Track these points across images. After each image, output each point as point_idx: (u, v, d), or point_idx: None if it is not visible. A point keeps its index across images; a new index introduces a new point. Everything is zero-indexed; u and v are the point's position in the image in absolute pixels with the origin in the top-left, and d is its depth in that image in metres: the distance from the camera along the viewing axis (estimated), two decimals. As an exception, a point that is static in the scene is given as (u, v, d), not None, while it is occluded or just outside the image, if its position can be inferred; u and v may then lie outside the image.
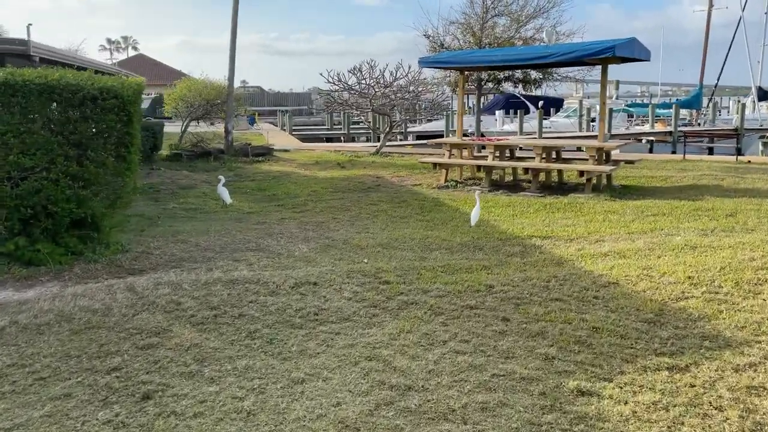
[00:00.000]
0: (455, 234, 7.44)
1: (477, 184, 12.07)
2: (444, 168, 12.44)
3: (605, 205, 9.50)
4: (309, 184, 12.45)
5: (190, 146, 17.44)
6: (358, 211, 9.18)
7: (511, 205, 9.62)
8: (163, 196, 10.85)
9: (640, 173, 13.38)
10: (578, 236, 7.25)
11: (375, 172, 14.33)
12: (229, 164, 15.95)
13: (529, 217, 8.68)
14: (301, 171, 14.82)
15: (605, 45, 10.00)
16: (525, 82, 15.41)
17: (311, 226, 7.85)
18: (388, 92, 18.35)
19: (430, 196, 10.59)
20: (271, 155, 18.04)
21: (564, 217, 8.60)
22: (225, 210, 9.36)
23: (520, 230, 7.64)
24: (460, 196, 10.69)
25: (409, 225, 8.09)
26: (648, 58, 11.13)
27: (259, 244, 6.71)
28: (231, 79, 17.26)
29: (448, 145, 12.61)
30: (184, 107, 17.34)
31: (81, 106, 5.64)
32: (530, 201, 10.01)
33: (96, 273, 5.58)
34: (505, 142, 11.99)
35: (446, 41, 15.06)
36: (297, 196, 10.80)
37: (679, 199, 9.88)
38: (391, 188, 11.78)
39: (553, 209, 9.22)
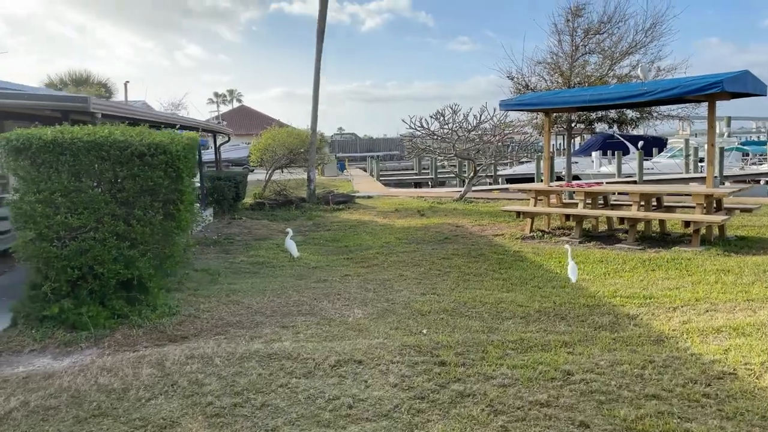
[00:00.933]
0: (534, 297, 6.53)
1: (566, 234, 11.02)
2: (529, 217, 11.50)
3: (717, 261, 8.19)
4: (384, 234, 11.92)
5: (273, 195, 17.58)
6: (428, 266, 8.47)
7: (603, 261, 8.54)
8: (235, 247, 10.69)
9: (760, 221, 11.73)
10: (683, 303, 6.12)
11: (455, 220, 13.61)
12: (309, 213, 15.82)
13: (624, 276, 7.58)
14: (379, 219, 14.36)
15: (711, 80, 8.83)
16: (620, 122, 14.21)
17: (374, 285, 7.23)
18: (472, 136, 17.70)
19: (512, 249, 9.68)
20: (352, 203, 17.80)
21: (666, 276, 7.43)
22: (292, 264, 8.97)
23: (612, 293, 6.61)
24: (545, 248, 9.71)
25: (482, 284, 7.27)
26: (764, 92, 9.77)
27: (312, 308, 6.16)
28: (314, 129, 17.33)
29: (533, 191, 11.67)
30: (268, 157, 17.56)
31: (128, 163, 5.43)
32: (626, 256, 8.87)
33: (136, 340, 5.24)
34: (597, 188, 10.90)
35: (531, 82, 14.27)
36: (368, 248, 10.26)
37: (811, 254, 8.37)
38: (469, 239, 10.99)
39: (653, 266, 8.05)
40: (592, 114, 14.37)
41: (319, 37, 16.79)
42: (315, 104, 17.13)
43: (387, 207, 17.04)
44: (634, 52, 14.75)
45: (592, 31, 13.98)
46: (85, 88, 28.01)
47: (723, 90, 8.64)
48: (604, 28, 14.00)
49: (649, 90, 9.36)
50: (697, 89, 8.89)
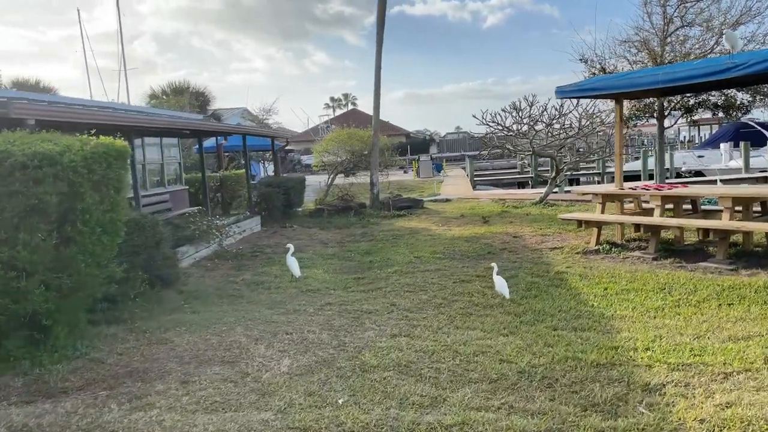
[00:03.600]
0: (535, 345, 4.87)
1: (642, 248, 8.94)
2: (594, 226, 9.50)
3: (831, 293, 5.93)
4: (425, 246, 10.48)
5: (336, 200, 16.68)
6: (435, 292, 6.97)
7: (667, 287, 6.55)
8: (252, 263, 9.81)
9: None
10: (743, 366, 4.18)
11: (518, 228, 11.81)
12: (367, 220, 14.71)
13: (682, 312, 5.62)
14: (435, 228, 12.90)
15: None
16: (726, 107, 11.58)
17: (345, 320, 5.90)
18: (554, 131, 15.63)
19: (558, 269, 7.88)
20: (417, 207, 16.43)
21: (742, 317, 5.38)
22: (288, 285, 7.87)
23: (647, 343, 4.78)
24: (602, 267, 7.79)
25: (484, 321, 5.68)
26: None
27: (241, 353, 4.98)
28: (376, 129, 16.18)
29: (599, 195, 9.64)
30: (330, 160, 16.67)
31: (8, 177, 4.58)
32: (704, 280, 6.78)
33: (9, 392, 4.37)
34: (676, 191, 8.69)
35: (610, 64, 12.03)
36: (392, 265, 8.91)
37: None
38: (517, 254, 9.25)
39: (732, 299, 5.97)
40: (691, 99, 11.86)
41: (379, 27, 15.62)
42: (376, 102, 15.98)
43: (455, 212, 15.49)
44: (747, 22, 12.02)
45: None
46: (184, 97, 29.07)
47: None
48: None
49: (740, 63, 7.15)
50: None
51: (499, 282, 6.54)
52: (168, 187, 15.00)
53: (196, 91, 30.02)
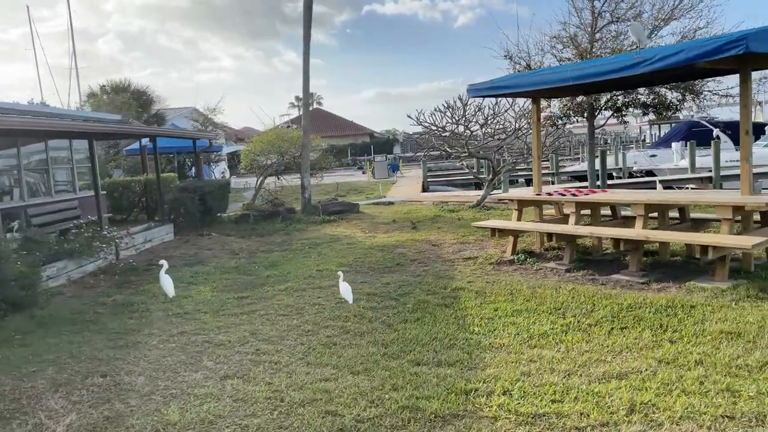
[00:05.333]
0: (387, 382, 4.15)
1: (559, 257, 8.32)
2: (511, 235, 8.86)
3: (734, 314, 5.33)
4: (338, 256, 9.73)
5: (267, 205, 15.80)
6: (315, 313, 6.22)
7: (564, 307, 5.90)
8: (144, 277, 8.93)
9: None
10: (610, 423, 3.50)
11: (442, 235, 11.13)
12: (293, 226, 13.88)
13: (567, 340, 4.95)
14: (360, 235, 12.15)
15: (730, 38, 5.92)
16: (656, 106, 11.08)
17: (189, 353, 5.10)
18: (490, 131, 15.02)
19: (459, 284, 7.18)
20: (352, 212, 15.64)
21: (629, 346, 4.72)
22: (164, 306, 7.03)
23: (507, 385, 4.08)
24: (509, 282, 7.11)
25: (344, 354, 4.93)
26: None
27: (23, 406, 4.14)
28: (306, 130, 15.35)
29: (515, 201, 9.00)
30: (258, 163, 15.78)
31: None
32: (608, 297, 6.15)
33: None
34: (594, 197, 8.08)
35: (536, 61, 11.44)
36: (291, 280, 8.14)
37: None
38: (426, 265, 8.55)
39: (628, 320, 5.33)
40: (620, 98, 11.33)
41: (306, 21, 14.79)
42: (306, 100, 15.19)
43: (389, 217, 14.75)
44: (680, 17, 11.54)
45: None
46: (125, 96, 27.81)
47: (748, 51, 5.71)
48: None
49: (647, 58, 6.54)
50: (710, 52, 6.01)
51: (344, 288, 6.34)
52: (79, 193, 13.98)
53: (138, 90, 28.74)
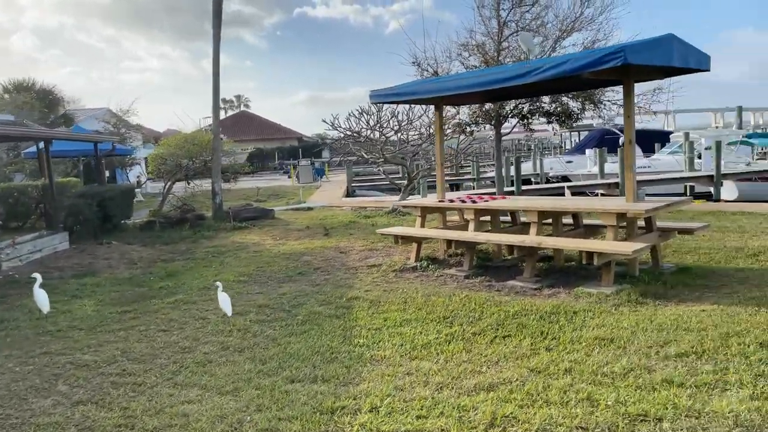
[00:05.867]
0: (253, 402, 3.92)
1: (461, 264, 8.34)
2: (415, 241, 8.82)
3: (612, 318, 5.44)
4: (240, 265, 9.40)
5: (175, 211, 15.15)
6: (197, 328, 5.92)
7: (453, 315, 5.86)
8: (24, 290, 8.25)
9: (721, 242, 8.86)
10: None
11: (353, 242, 10.99)
12: (202, 233, 13.36)
13: (449, 350, 4.89)
14: (270, 242, 11.83)
15: (608, 50, 6.11)
16: (558, 114, 11.40)
17: (46, 375, 4.70)
18: (405, 137, 15.03)
19: (357, 293, 7.04)
20: (266, 218, 15.25)
21: (507, 354, 4.71)
22: (38, 322, 6.49)
23: (377, 400, 3.96)
24: (407, 290, 7.04)
25: (217, 372, 4.67)
26: (706, 66, 6.94)
27: None
28: (216, 133, 14.85)
29: (419, 208, 8.98)
30: (167, 167, 15.13)
31: None
32: (498, 304, 6.17)
33: None
34: (495, 204, 8.16)
35: (444, 68, 11.52)
36: (184, 292, 7.76)
37: (757, 304, 5.55)
38: (329, 274, 8.37)
39: (511, 329, 5.34)
40: (525, 106, 11.57)
41: (215, 20, 14.31)
42: (216, 102, 14.67)
43: (304, 223, 14.48)
44: (581, 29, 11.90)
45: (516, 1, 11.16)
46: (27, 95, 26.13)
47: (627, 62, 5.88)
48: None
49: (535, 68, 6.64)
50: (592, 63, 6.15)
51: (222, 299, 6.21)
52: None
53: (44, 90, 27.09)
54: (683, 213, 12.28)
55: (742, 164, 24.54)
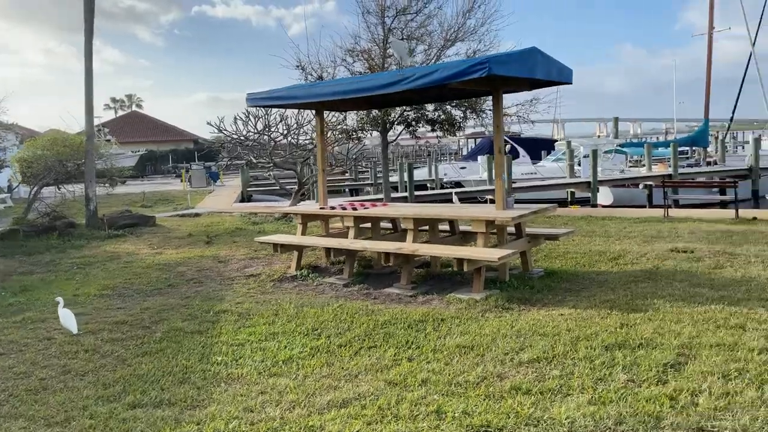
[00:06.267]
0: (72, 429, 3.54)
1: (342, 272, 8.21)
2: (296, 249, 8.60)
3: (477, 325, 5.51)
4: (106, 278, 8.73)
5: (46, 219, 13.94)
6: (40, 350, 5.35)
7: (323, 326, 5.71)
8: None
9: (588, 246, 9.36)
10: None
11: (234, 250, 10.58)
12: (72, 242, 12.36)
13: (310, 365, 4.72)
14: (146, 251, 11.13)
15: (475, 61, 6.23)
16: (442, 122, 11.64)
17: None
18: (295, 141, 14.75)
19: (227, 306, 6.71)
20: (146, 225, 14.40)
21: (368, 367, 4.62)
22: None
23: (220, 425, 3.71)
24: (281, 301, 6.81)
25: (51, 400, 4.21)
26: (568, 79, 7.28)
27: None
28: (90, 135, 13.82)
29: (299, 215, 8.78)
30: (34, 170, 13.89)
31: None
32: (370, 312, 6.09)
33: None
34: (374, 211, 8.12)
35: (329, 72, 11.44)
36: (34, 308, 7.05)
37: (610, 307, 5.84)
38: (201, 285, 7.95)
39: (377, 339, 5.27)
40: (411, 113, 11.70)
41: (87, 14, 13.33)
42: (89, 102, 13.66)
43: (187, 230, 13.80)
44: (465, 38, 12.21)
45: (400, 9, 11.27)
46: None
47: (492, 73, 6.01)
48: (414, 7, 11.33)
49: (406, 76, 6.66)
50: (459, 72, 6.25)
51: (63, 315, 5.87)
52: None
53: None
54: (559, 218, 12.92)
55: (616, 171, 26.40)
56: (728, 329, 4.91)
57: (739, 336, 4.71)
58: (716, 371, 4.04)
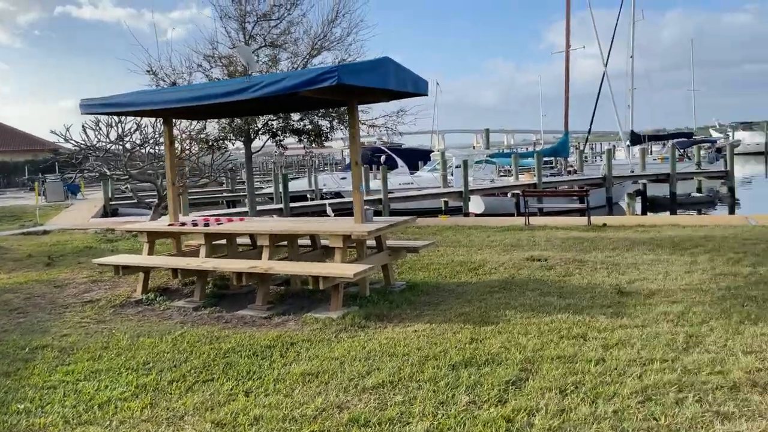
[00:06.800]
0: None
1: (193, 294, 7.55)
2: (142, 271, 7.83)
3: (328, 348, 5.18)
4: None
5: None
6: None
7: (156, 359, 5.10)
8: None
9: (452, 256, 9.41)
10: None
11: (75, 274, 9.51)
12: None
13: (133, 405, 4.14)
14: (-30, 276, 9.70)
15: (324, 69, 5.96)
16: (309, 132, 11.31)
17: None
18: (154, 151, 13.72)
19: (48, 340, 5.87)
20: (-23, 247, 12.71)
21: (205, 402, 4.13)
22: None
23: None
24: (115, 331, 6.06)
25: None
26: (424, 90, 7.23)
27: None
28: None
29: (144, 233, 8.02)
30: None
31: None
32: (214, 341, 5.56)
33: None
34: (227, 227, 7.57)
35: (185, 78, 10.73)
36: None
37: (464, 320, 5.76)
38: (24, 316, 6.97)
39: (216, 371, 4.77)
40: (274, 122, 11.24)
41: None
42: None
43: (28, 250, 12.34)
44: (331, 48, 11.96)
45: (260, 15, 10.81)
46: None
47: (341, 82, 5.75)
48: (276, 13, 10.92)
49: (254, 84, 6.24)
50: (308, 81, 5.93)
51: None
52: None
53: None
54: (428, 228, 13.03)
55: (487, 181, 27.52)
56: (570, 339, 4.97)
57: (579, 347, 4.77)
58: (554, 386, 4.01)
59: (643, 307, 5.86)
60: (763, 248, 8.65)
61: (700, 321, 5.29)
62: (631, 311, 5.72)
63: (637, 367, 4.26)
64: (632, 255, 8.61)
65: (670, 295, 6.25)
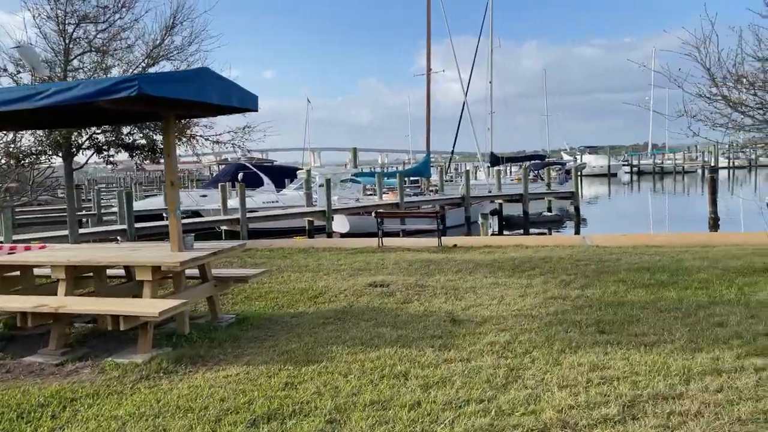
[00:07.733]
0: None
1: None
2: None
3: (113, 405, 4.38)
4: None
5: None
6: None
7: None
8: None
9: (294, 283, 8.86)
10: None
11: None
12: None
13: None
14: None
15: (124, 78, 5.23)
16: (142, 148, 10.29)
17: None
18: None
19: None
20: None
21: None
22: None
23: None
24: None
25: None
26: (253, 106, 6.66)
27: None
28: None
29: None
30: None
31: None
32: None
33: None
34: (18, 257, 6.44)
35: (3, 83, 9.33)
36: None
37: (286, 360, 5.21)
38: None
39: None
40: (100, 136, 10.08)
41: None
42: None
43: None
44: (171, 57, 11.00)
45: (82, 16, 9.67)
46: None
47: (143, 92, 5.02)
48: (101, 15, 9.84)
49: (40, 91, 5.33)
50: (104, 90, 5.14)
51: None
52: None
53: None
54: (279, 251, 12.40)
55: (352, 200, 27.37)
56: (391, 379, 4.60)
57: (398, 388, 4.41)
58: (359, 441, 3.58)
59: (473, 336, 5.67)
60: (593, 269, 9.02)
61: (524, 351, 5.17)
62: (460, 342, 5.51)
63: (452, 411, 3.95)
64: (473, 278, 8.59)
65: (501, 323, 6.15)
